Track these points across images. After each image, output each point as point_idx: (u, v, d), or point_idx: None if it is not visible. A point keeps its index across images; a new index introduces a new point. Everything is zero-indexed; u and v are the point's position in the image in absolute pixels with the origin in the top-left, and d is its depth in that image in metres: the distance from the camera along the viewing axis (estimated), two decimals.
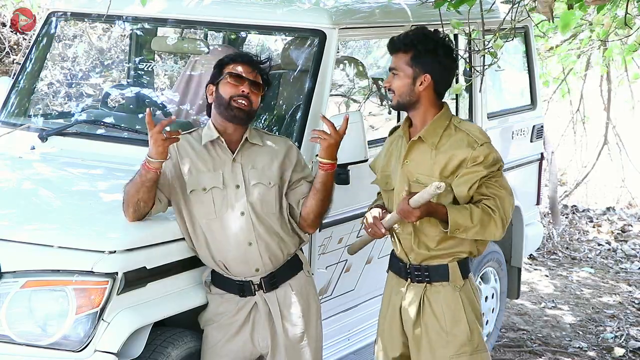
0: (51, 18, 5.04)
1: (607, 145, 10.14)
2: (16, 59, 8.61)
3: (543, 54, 8.81)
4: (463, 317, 3.72)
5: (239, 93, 3.78)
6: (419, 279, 3.74)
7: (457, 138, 3.66)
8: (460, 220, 3.55)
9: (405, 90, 3.65)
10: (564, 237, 9.28)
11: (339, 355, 4.69)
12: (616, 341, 6.67)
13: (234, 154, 3.82)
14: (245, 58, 3.87)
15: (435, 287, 3.73)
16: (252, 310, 3.83)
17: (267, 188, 3.81)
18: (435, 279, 3.72)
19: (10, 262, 3.54)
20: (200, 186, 3.78)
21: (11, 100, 4.94)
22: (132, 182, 3.68)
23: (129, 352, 3.56)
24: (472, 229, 3.58)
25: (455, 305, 3.72)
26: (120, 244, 3.58)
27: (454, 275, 3.73)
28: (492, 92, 5.78)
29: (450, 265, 3.72)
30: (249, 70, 3.83)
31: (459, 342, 3.71)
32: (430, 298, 3.73)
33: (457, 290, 3.73)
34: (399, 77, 3.65)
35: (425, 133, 3.67)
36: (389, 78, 3.68)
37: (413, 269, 3.75)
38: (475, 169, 3.61)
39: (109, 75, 5.78)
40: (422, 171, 3.66)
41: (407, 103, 3.68)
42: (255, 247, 3.77)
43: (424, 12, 5.04)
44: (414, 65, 3.64)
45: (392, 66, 3.68)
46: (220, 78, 3.83)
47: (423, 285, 3.73)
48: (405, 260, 3.76)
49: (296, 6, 4.69)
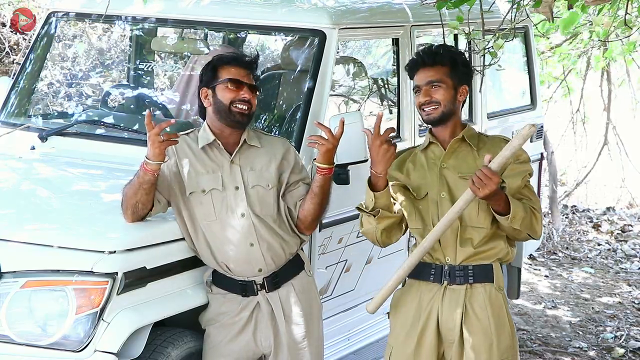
0: (51, 18, 5.04)
1: (607, 146, 10.14)
2: (16, 59, 8.60)
3: (544, 54, 8.80)
4: (506, 319, 3.66)
5: (239, 98, 3.76)
6: (461, 279, 3.62)
7: (493, 142, 3.72)
8: (518, 208, 3.54)
9: (450, 100, 3.65)
10: (564, 237, 9.28)
11: (339, 355, 4.69)
12: (616, 341, 6.67)
13: (231, 155, 3.81)
14: (240, 61, 3.84)
15: (477, 289, 3.62)
16: (255, 310, 3.82)
17: (266, 190, 3.81)
18: (478, 280, 3.62)
19: (10, 262, 3.54)
20: (200, 188, 3.77)
21: (11, 100, 4.94)
22: (130, 184, 3.68)
23: (129, 352, 3.55)
24: (526, 219, 3.56)
25: (500, 308, 3.64)
26: (120, 244, 3.58)
27: (498, 275, 3.65)
28: (492, 92, 5.78)
29: (494, 265, 3.65)
30: (245, 73, 3.81)
31: (504, 346, 3.63)
32: (472, 301, 3.62)
33: (499, 291, 3.65)
34: (443, 89, 3.63)
35: (467, 133, 3.69)
36: (426, 91, 3.62)
37: (453, 269, 3.63)
38: (523, 166, 3.67)
39: (109, 75, 5.78)
40: (465, 170, 3.62)
41: (449, 114, 3.66)
42: (257, 248, 3.76)
43: (424, 12, 5.04)
44: (453, 77, 3.66)
45: (431, 78, 3.63)
46: (216, 83, 3.79)
47: (463, 287, 3.62)
48: (443, 262, 3.64)
49: (296, 6, 4.69)
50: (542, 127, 6.26)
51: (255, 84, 3.85)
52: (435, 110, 3.64)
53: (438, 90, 3.63)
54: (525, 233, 3.61)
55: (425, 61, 3.67)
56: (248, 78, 3.81)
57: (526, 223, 3.57)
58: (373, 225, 3.64)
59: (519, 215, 3.53)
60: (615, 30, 6.89)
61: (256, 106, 3.87)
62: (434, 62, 3.66)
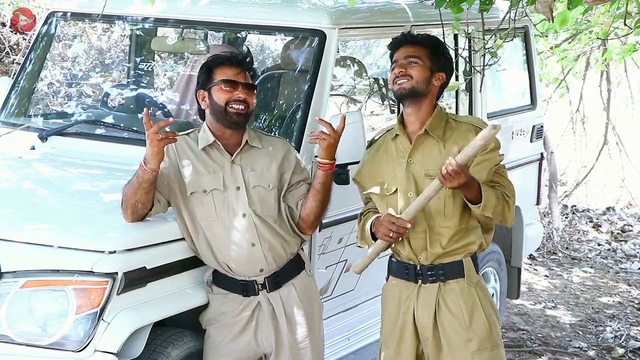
0: (51, 18, 5.04)
1: (606, 145, 10.14)
2: (16, 59, 8.61)
3: (543, 54, 8.80)
4: (481, 311, 3.70)
5: (234, 98, 3.76)
6: (433, 278, 3.69)
7: (463, 129, 3.70)
8: (490, 196, 3.57)
9: (424, 79, 3.66)
10: (564, 237, 9.28)
11: (339, 355, 4.69)
12: (616, 341, 6.67)
13: (232, 155, 3.81)
14: (233, 60, 3.82)
15: (450, 285, 3.68)
16: (256, 310, 3.82)
17: (267, 190, 3.81)
18: (450, 277, 3.68)
19: (10, 262, 3.53)
20: (201, 188, 3.77)
21: (11, 100, 4.94)
22: (129, 184, 3.68)
23: (129, 352, 3.55)
24: (498, 207, 3.60)
25: (473, 301, 3.69)
26: (120, 244, 3.58)
27: (469, 270, 3.70)
28: (492, 92, 5.78)
29: (464, 261, 3.70)
30: (239, 72, 3.80)
31: (480, 338, 3.67)
32: (445, 297, 3.68)
33: (472, 285, 3.70)
34: (420, 66, 3.67)
35: (430, 126, 3.68)
36: (403, 64, 3.66)
37: (425, 269, 3.69)
38: (490, 155, 3.66)
39: (109, 75, 5.79)
40: (431, 166, 3.64)
41: (420, 92, 3.67)
42: (258, 248, 3.77)
43: (424, 12, 5.05)
44: (432, 60, 3.70)
45: (411, 54, 3.67)
46: (211, 84, 3.79)
47: (436, 285, 3.69)
48: (415, 262, 3.71)
49: (296, 6, 4.69)
50: (542, 127, 6.25)
51: (252, 81, 3.84)
52: (407, 82, 3.65)
53: (414, 66, 3.67)
54: (497, 220, 3.66)
55: (408, 39, 3.73)
56: (243, 76, 3.80)
57: (498, 211, 3.61)
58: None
59: (491, 203, 3.57)
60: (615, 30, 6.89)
61: (255, 105, 3.86)
62: (415, 42, 3.72)
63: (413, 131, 3.71)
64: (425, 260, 3.69)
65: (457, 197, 3.63)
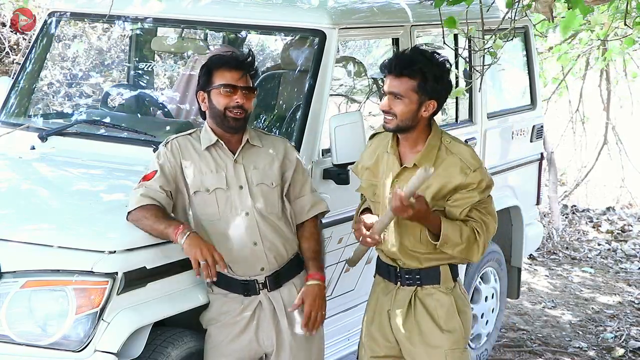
0: (51, 18, 5.04)
1: (606, 145, 10.15)
2: (16, 59, 8.61)
3: (542, 54, 8.80)
4: (456, 314, 3.74)
5: (233, 104, 3.75)
6: (410, 282, 3.74)
7: (450, 162, 3.62)
8: (451, 235, 3.55)
9: (408, 116, 3.59)
10: (564, 237, 9.28)
11: (339, 355, 4.69)
12: (616, 341, 6.67)
13: (234, 155, 3.82)
14: (233, 62, 3.79)
15: (426, 290, 3.74)
16: (257, 309, 3.83)
17: (270, 188, 3.81)
18: (426, 282, 3.73)
19: (10, 262, 3.53)
20: (204, 187, 3.78)
21: (11, 100, 4.94)
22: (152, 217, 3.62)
23: (129, 352, 3.55)
24: (459, 247, 3.58)
25: (449, 305, 3.73)
26: (120, 244, 3.58)
27: (445, 277, 3.73)
28: (492, 92, 5.78)
29: (441, 268, 3.73)
30: (239, 76, 3.77)
31: (454, 338, 3.72)
32: (422, 298, 3.74)
33: (448, 292, 3.74)
34: (404, 103, 3.57)
35: (420, 159, 3.62)
36: (388, 101, 3.59)
37: (403, 272, 3.75)
38: (470, 195, 3.60)
39: (109, 75, 5.79)
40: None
41: (407, 127, 3.62)
42: (260, 247, 3.77)
43: (424, 12, 5.05)
44: (420, 92, 3.57)
45: (394, 90, 3.57)
46: (211, 87, 3.78)
47: (413, 289, 3.74)
48: (395, 264, 3.76)
49: (296, 6, 4.69)
50: (542, 127, 6.25)
51: (253, 83, 3.83)
52: (391, 121, 3.62)
53: (398, 104, 3.57)
54: (460, 257, 3.64)
55: (393, 70, 3.59)
56: (243, 80, 3.78)
57: (460, 249, 3.59)
58: None
59: (451, 242, 3.56)
60: (614, 30, 6.89)
61: (255, 106, 3.86)
62: (401, 74, 3.57)
63: (404, 152, 3.71)
64: (404, 265, 3.74)
65: None
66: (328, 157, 4.33)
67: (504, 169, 5.71)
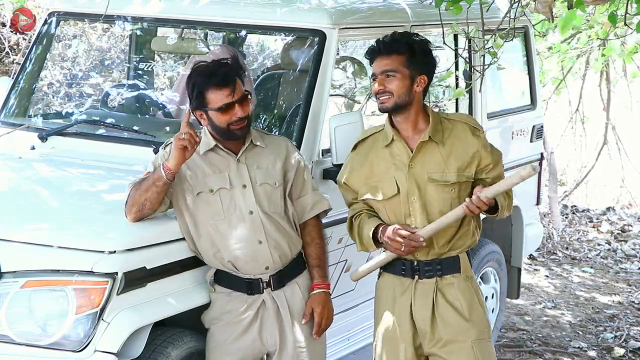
0: (51, 18, 5.04)
1: (606, 145, 10.14)
2: (16, 59, 8.61)
3: (542, 54, 8.81)
4: (478, 304, 3.76)
5: (235, 119, 3.74)
6: (430, 274, 3.72)
7: (459, 128, 3.73)
8: (501, 201, 3.66)
9: (404, 91, 3.65)
10: (564, 237, 9.28)
11: (339, 355, 4.69)
12: (616, 341, 6.67)
13: (237, 154, 3.81)
14: (220, 80, 3.73)
15: (446, 280, 3.73)
16: (260, 308, 3.83)
17: (273, 188, 3.82)
18: (447, 272, 3.72)
19: (10, 262, 3.53)
20: (208, 188, 3.78)
21: (11, 100, 4.94)
22: (141, 182, 3.67)
23: (129, 352, 3.55)
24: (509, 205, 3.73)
25: (471, 295, 3.74)
26: (120, 244, 3.58)
27: (465, 265, 3.76)
28: (492, 92, 5.78)
29: (460, 256, 3.75)
30: (230, 91, 3.72)
31: (479, 328, 3.72)
32: (444, 291, 3.72)
33: (468, 280, 3.75)
34: (397, 79, 3.64)
35: (432, 132, 3.68)
36: (381, 81, 3.64)
37: (422, 264, 3.73)
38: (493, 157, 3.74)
39: (109, 75, 5.78)
40: (434, 169, 3.67)
41: (404, 104, 3.67)
42: (265, 245, 3.77)
43: (424, 12, 5.05)
44: (410, 66, 3.65)
45: (385, 68, 3.64)
46: (207, 109, 3.74)
47: (433, 280, 3.72)
48: (412, 258, 3.73)
49: (296, 6, 4.69)
50: (542, 127, 6.25)
51: (244, 83, 3.80)
52: (388, 99, 3.66)
53: (392, 80, 3.64)
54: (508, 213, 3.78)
55: (382, 50, 3.67)
56: (236, 92, 3.73)
57: (508, 204, 3.73)
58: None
59: (504, 206, 3.69)
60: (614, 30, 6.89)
61: (255, 106, 3.86)
62: (390, 51, 3.65)
63: (408, 136, 3.72)
64: (423, 256, 3.72)
65: (463, 199, 3.65)
66: (328, 157, 4.33)
67: (504, 169, 5.70)
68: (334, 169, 4.27)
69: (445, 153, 3.67)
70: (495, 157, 3.76)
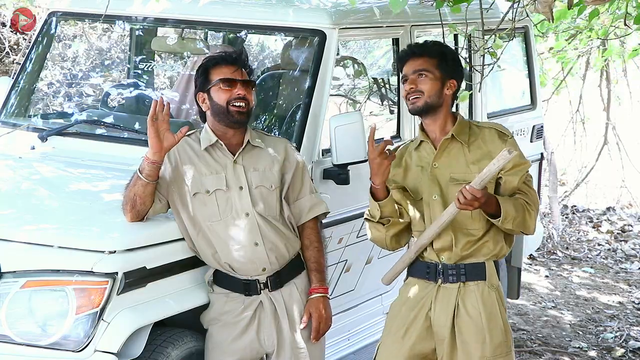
0: (51, 18, 5.04)
1: (607, 146, 10.14)
2: (16, 59, 8.61)
3: (543, 54, 8.80)
4: (499, 316, 3.68)
5: (235, 96, 3.76)
6: (454, 278, 3.67)
7: (486, 133, 3.73)
8: (509, 209, 3.56)
9: (435, 92, 3.65)
10: (564, 237, 9.28)
11: (339, 355, 4.69)
12: (616, 341, 6.67)
13: (234, 155, 3.81)
14: (228, 58, 3.82)
15: (470, 287, 3.67)
16: (258, 309, 3.83)
17: (269, 191, 3.81)
18: (471, 278, 3.67)
19: (10, 262, 3.53)
20: (204, 189, 3.77)
21: (11, 100, 4.94)
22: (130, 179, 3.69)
23: (129, 352, 3.55)
24: (518, 218, 3.59)
25: (492, 305, 3.68)
26: (120, 244, 3.58)
27: (491, 273, 3.70)
28: (492, 92, 5.78)
29: (487, 264, 3.69)
30: (235, 69, 3.80)
31: (496, 343, 3.65)
32: (465, 299, 3.66)
33: (493, 289, 3.70)
34: (429, 79, 3.65)
35: (456, 131, 3.68)
36: (413, 80, 3.65)
37: (447, 268, 3.67)
38: (521, 163, 3.66)
39: (109, 75, 5.78)
40: (456, 170, 3.66)
41: (434, 105, 3.66)
42: (262, 247, 3.77)
43: (424, 12, 5.05)
44: (441, 69, 3.67)
45: (418, 67, 3.65)
46: (210, 85, 3.79)
47: (456, 286, 3.66)
48: (436, 261, 3.69)
49: (296, 6, 4.69)
50: (542, 127, 6.25)
51: (250, 78, 3.83)
52: (418, 99, 3.65)
53: (424, 80, 3.65)
54: (519, 230, 3.66)
55: (415, 51, 3.71)
56: (240, 74, 3.80)
57: (518, 222, 3.61)
58: (382, 232, 3.70)
59: (510, 216, 3.57)
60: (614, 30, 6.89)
61: (255, 104, 3.86)
62: (422, 53, 3.69)
63: (435, 138, 3.72)
64: (448, 260, 3.67)
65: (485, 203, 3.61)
66: (328, 157, 4.33)
67: None
68: (334, 169, 4.28)
69: (470, 155, 3.66)
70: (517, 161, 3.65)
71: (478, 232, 3.66)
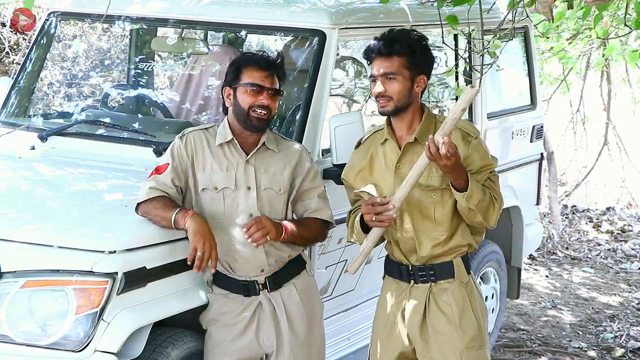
0: (51, 18, 5.04)
1: (607, 146, 10.15)
2: (16, 59, 8.61)
3: (544, 54, 8.81)
4: (470, 311, 3.71)
5: (258, 104, 3.74)
6: (424, 279, 3.70)
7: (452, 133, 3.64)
8: (476, 189, 3.52)
9: (405, 94, 3.60)
10: (564, 237, 9.29)
11: (339, 355, 4.70)
12: (616, 341, 6.67)
13: (247, 155, 3.81)
14: (262, 62, 3.77)
15: (441, 285, 3.70)
16: (257, 310, 3.83)
17: (277, 194, 3.81)
18: (441, 277, 3.69)
19: (10, 262, 3.53)
20: (213, 185, 3.78)
21: (11, 100, 4.94)
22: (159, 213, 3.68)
23: (129, 352, 3.55)
24: (483, 202, 3.54)
25: (463, 301, 3.70)
26: (120, 244, 3.58)
27: (459, 271, 3.71)
28: (492, 92, 5.78)
29: (455, 262, 3.71)
30: (267, 75, 3.75)
31: (469, 336, 3.69)
32: (436, 297, 3.69)
33: (462, 286, 3.72)
34: (398, 81, 3.57)
35: (419, 133, 3.64)
36: (381, 84, 3.58)
37: (416, 269, 3.71)
38: (487, 162, 3.63)
39: (109, 75, 5.79)
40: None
41: (404, 107, 3.63)
42: (261, 249, 3.77)
43: (423, 12, 5.05)
44: (410, 68, 3.60)
45: (386, 71, 3.57)
46: (237, 84, 3.76)
47: (428, 286, 3.71)
48: (406, 262, 3.73)
49: (296, 6, 4.69)
50: (542, 127, 6.25)
51: (280, 84, 3.81)
52: (388, 103, 3.60)
53: (392, 83, 3.58)
54: (480, 217, 3.58)
55: (382, 51, 3.60)
56: (270, 81, 3.76)
57: (483, 206, 3.56)
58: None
59: (476, 196, 3.52)
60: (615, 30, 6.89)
61: (276, 110, 3.83)
62: (390, 53, 3.59)
63: (401, 136, 3.69)
64: (417, 261, 3.71)
65: (447, 204, 3.62)
66: (328, 157, 4.33)
67: (504, 169, 5.70)
68: (334, 169, 4.27)
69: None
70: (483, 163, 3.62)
71: (442, 235, 3.67)
